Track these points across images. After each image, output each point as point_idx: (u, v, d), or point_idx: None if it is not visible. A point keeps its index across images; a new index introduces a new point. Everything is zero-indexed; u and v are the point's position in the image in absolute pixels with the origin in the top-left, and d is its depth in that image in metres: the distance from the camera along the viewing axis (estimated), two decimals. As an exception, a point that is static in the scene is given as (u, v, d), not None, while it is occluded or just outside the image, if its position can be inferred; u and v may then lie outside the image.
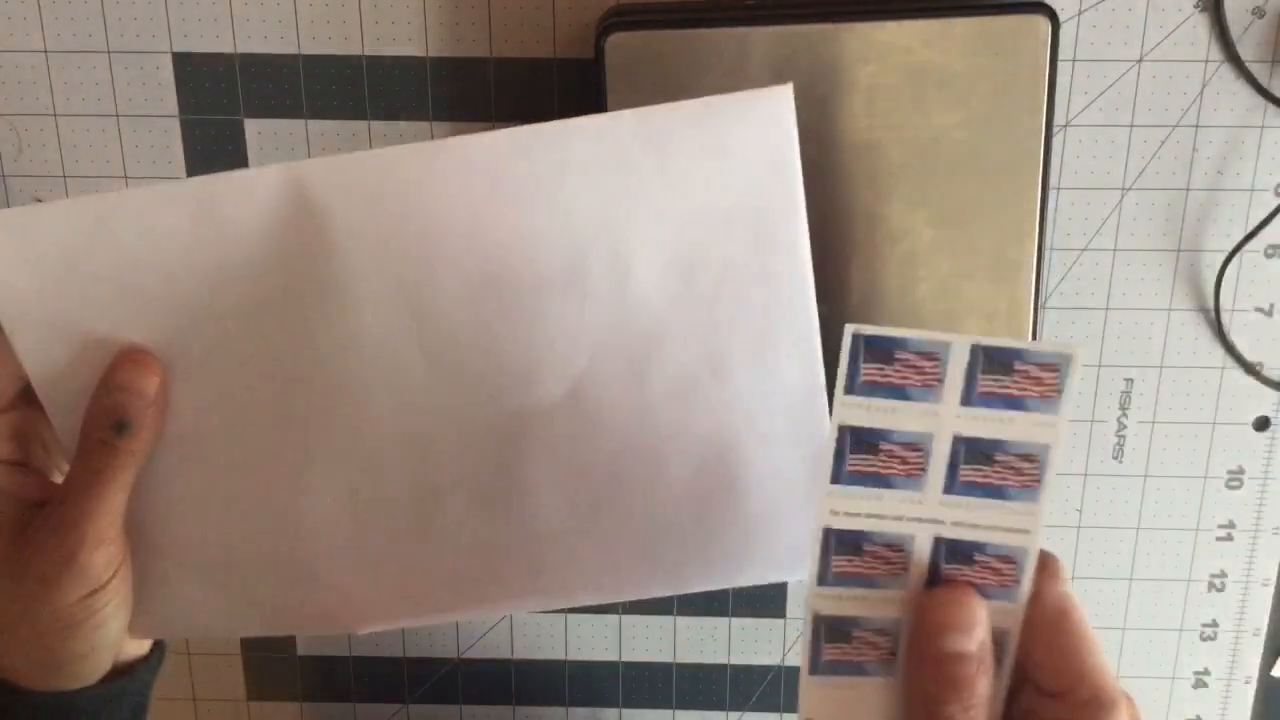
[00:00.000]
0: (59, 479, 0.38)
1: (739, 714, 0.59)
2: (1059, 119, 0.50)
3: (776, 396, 0.36)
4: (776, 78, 0.46)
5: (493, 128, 0.51)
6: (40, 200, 0.53)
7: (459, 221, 0.34)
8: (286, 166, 0.33)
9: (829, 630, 0.33)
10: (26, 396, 0.36)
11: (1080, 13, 0.50)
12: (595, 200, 0.34)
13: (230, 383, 0.36)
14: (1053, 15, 0.46)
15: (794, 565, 0.38)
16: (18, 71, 0.52)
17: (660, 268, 0.35)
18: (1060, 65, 0.48)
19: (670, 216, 0.34)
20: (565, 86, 0.51)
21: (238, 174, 0.34)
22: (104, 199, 0.34)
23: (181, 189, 0.34)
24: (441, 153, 0.34)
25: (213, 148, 0.52)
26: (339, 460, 0.37)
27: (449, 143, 0.34)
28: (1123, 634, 0.58)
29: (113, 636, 0.38)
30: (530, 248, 0.34)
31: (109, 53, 0.52)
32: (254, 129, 0.52)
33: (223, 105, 0.52)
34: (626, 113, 0.34)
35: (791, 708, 0.59)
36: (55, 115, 0.52)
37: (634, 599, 0.39)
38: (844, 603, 0.33)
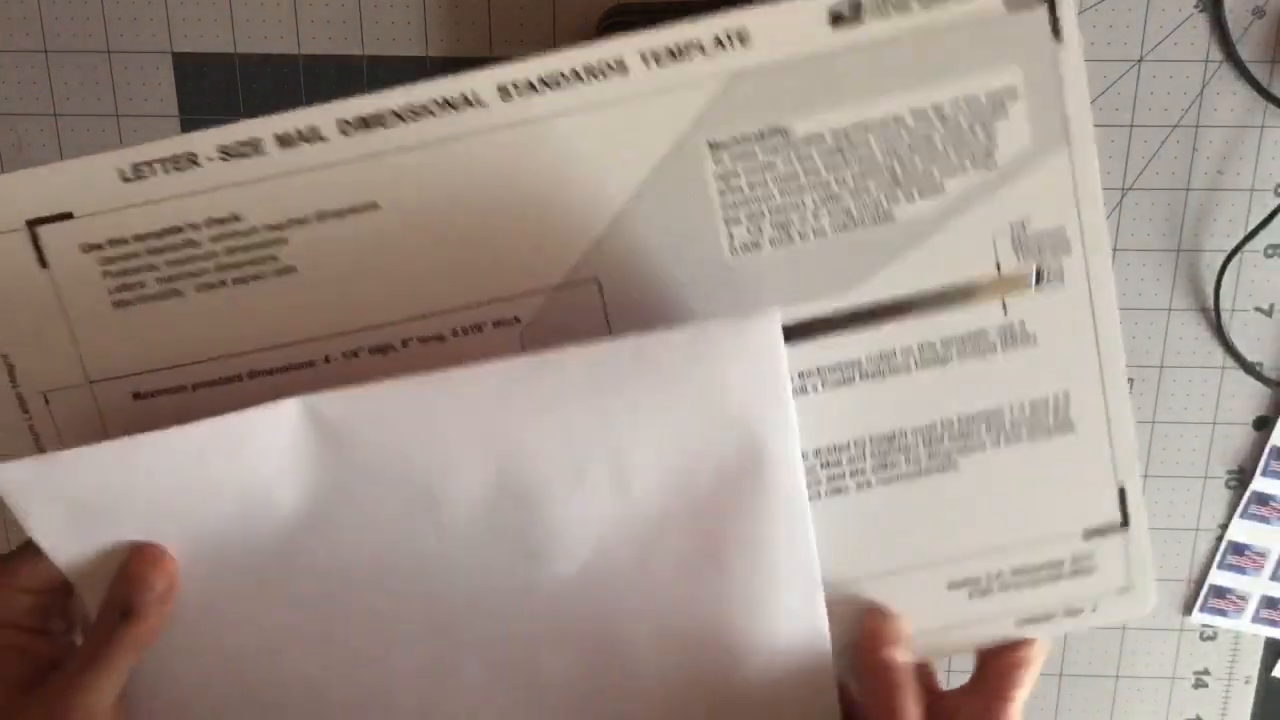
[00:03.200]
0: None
1: None
2: (1059, 119, 0.50)
3: (774, 593, 0.38)
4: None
5: (493, 128, 0.52)
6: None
7: (468, 438, 0.37)
8: (301, 399, 0.36)
9: None
10: (63, 584, 0.39)
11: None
12: (593, 419, 0.37)
13: (252, 599, 0.39)
14: (1053, 15, 0.46)
15: None
16: (18, 71, 0.52)
17: (658, 475, 0.37)
18: (1060, 65, 0.48)
19: (664, 432, 0.37)
20: (565, 86, 0.51)
21: (259, 410, 0.36)
22: (130, 443, 0.36)
23: (205, 428, 0.36)
24: (447, 384, 0.36)
25: (213, 148, 0.52)
26: (356, 658, 0.40)
27: (454, 375, 0.36)
28: (1123, 634, 0.58)
29: None
30: (535, 458, 0.37)
31: (109, 53, 0.52)
32: (254, 129, 0.52)
33: (223, 105, 0.52)
34: (620, 343, 0.36)
35: None
36: (55, 115, 0.52)
37: None
38: None
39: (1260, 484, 0.55)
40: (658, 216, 0.37)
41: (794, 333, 0.38)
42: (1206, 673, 0.59)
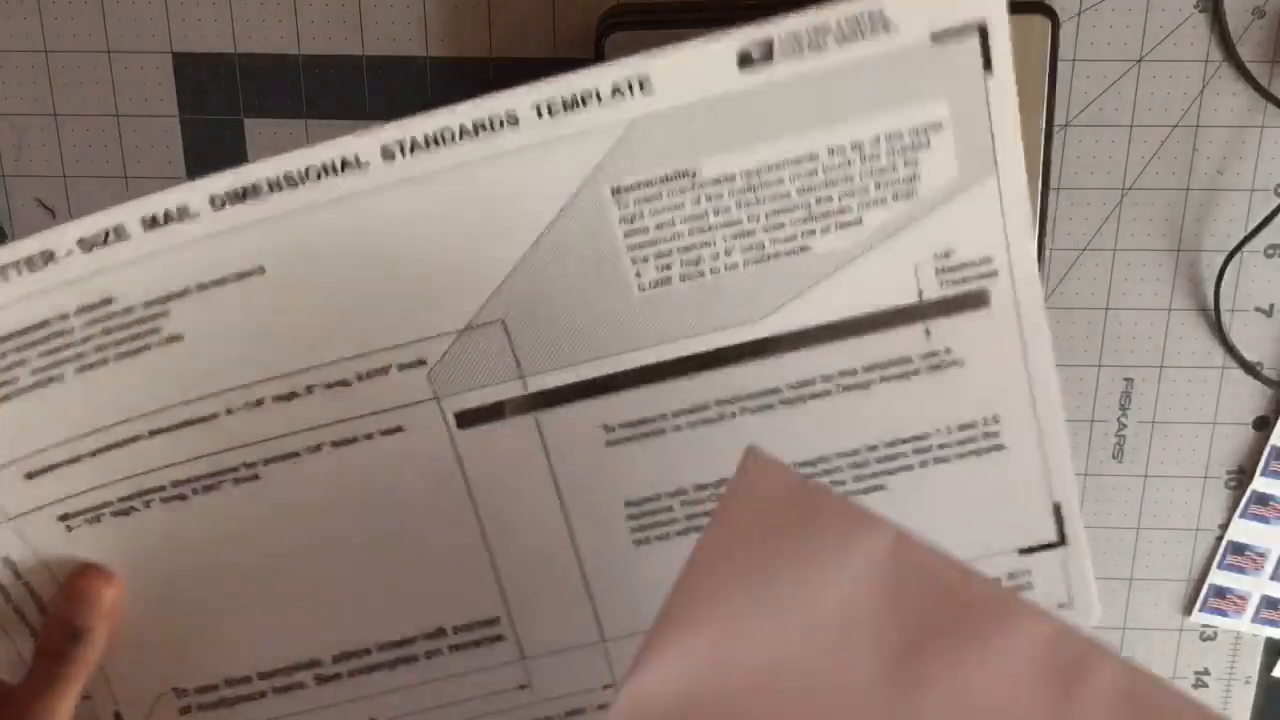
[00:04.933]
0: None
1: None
2: (1059, 119, 0.50)
3: None
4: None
5: (493, 128, 0.52)
6: (40, 201, 0.54)
7: None
8: None
9: None
10: None
11: (1080, 13, 0.50)
12: None
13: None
14: (1053, 15, 0.46)
15: None
16: (18, 71, 0.52)
17: None
18: (1060, 65, 0.48)
19: None
20: (565, 86, 0.51)
21: None
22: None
23: None
24: None
25: (213, 148, 0.52)
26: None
27: None
28: (1123, 634, 0.58)
29: None
30: None
31: (109, 53, 0.52)
32: (254, 129, 0.52)
33: (223, 105, 0.52)
34: None
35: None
36: (55, 115, 0.52)
37: None
38: None
39: (1260, 484, 0.55)
40: (562, 261, 0.36)
41: (708, 360, 0.38)
42: (1206, 673, 0.59)
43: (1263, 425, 0.55)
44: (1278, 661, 0.58)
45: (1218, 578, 0.57)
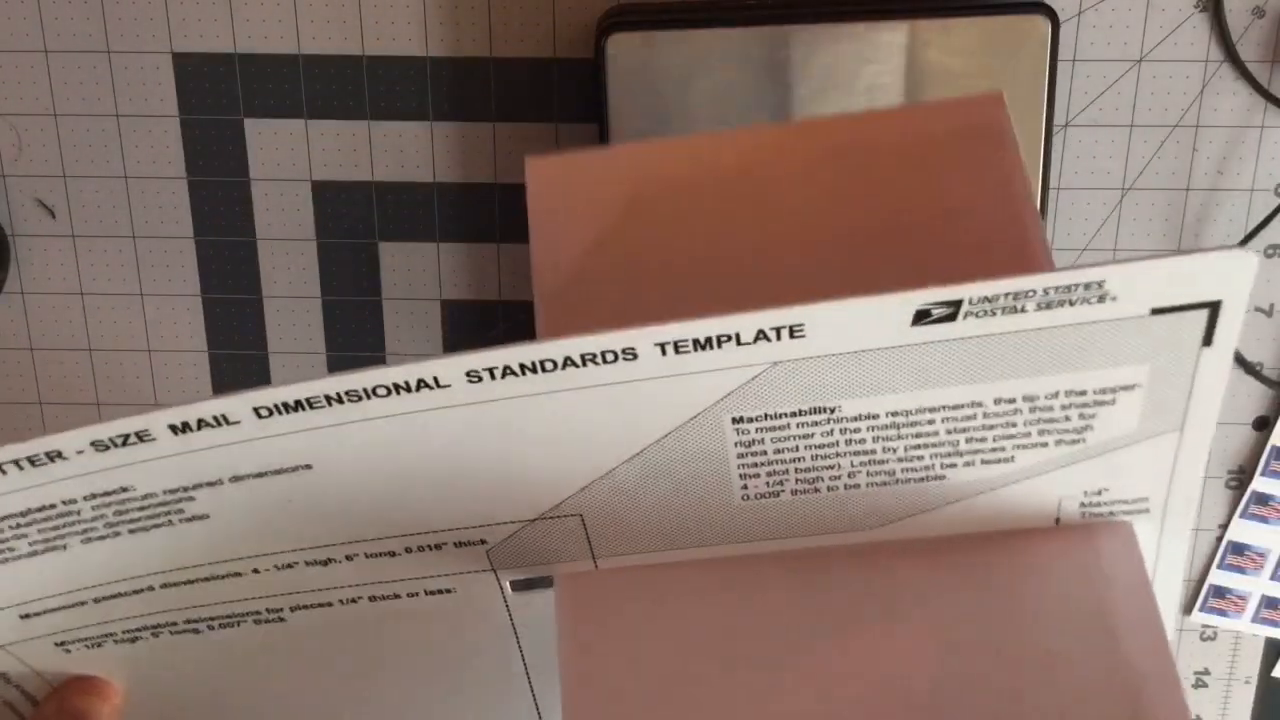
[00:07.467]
0: None
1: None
2: (1059, 119, 0.50)
3: None
4: (777, 78, 0.46)
5: (493, 128, 0.52)
6: (40, 201, 0.54)
7: None
8: None
9: None
10: None
11: (1080, 13, 0.50)
12: None
13: None
14: (1053, 15, 0.46)
15: None
16: (18, 71, 0.52)
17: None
18: (1060, 65, 0.48)
19: None
20: (565, 86, 0.51)
21: None
22: None
23: None
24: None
25: (213, 148, 0.52)
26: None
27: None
28: (1123, 634, 0.58)
29: None
30: None
31: (109, 53, 0.52)
32: (254, 129, 0.52)
33: (223, 105, 0.52)
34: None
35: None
36: (55, 115, 0.52)
37: None
38: None
39: (1260, 484, 0.55)
40: (661, 473, 0.32)
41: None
42: (1206, 673, 0.59)
43: (1263, 425, 0.55)
44: (1278, 661, 0.58)
45: (1218, 578, 0.57)
